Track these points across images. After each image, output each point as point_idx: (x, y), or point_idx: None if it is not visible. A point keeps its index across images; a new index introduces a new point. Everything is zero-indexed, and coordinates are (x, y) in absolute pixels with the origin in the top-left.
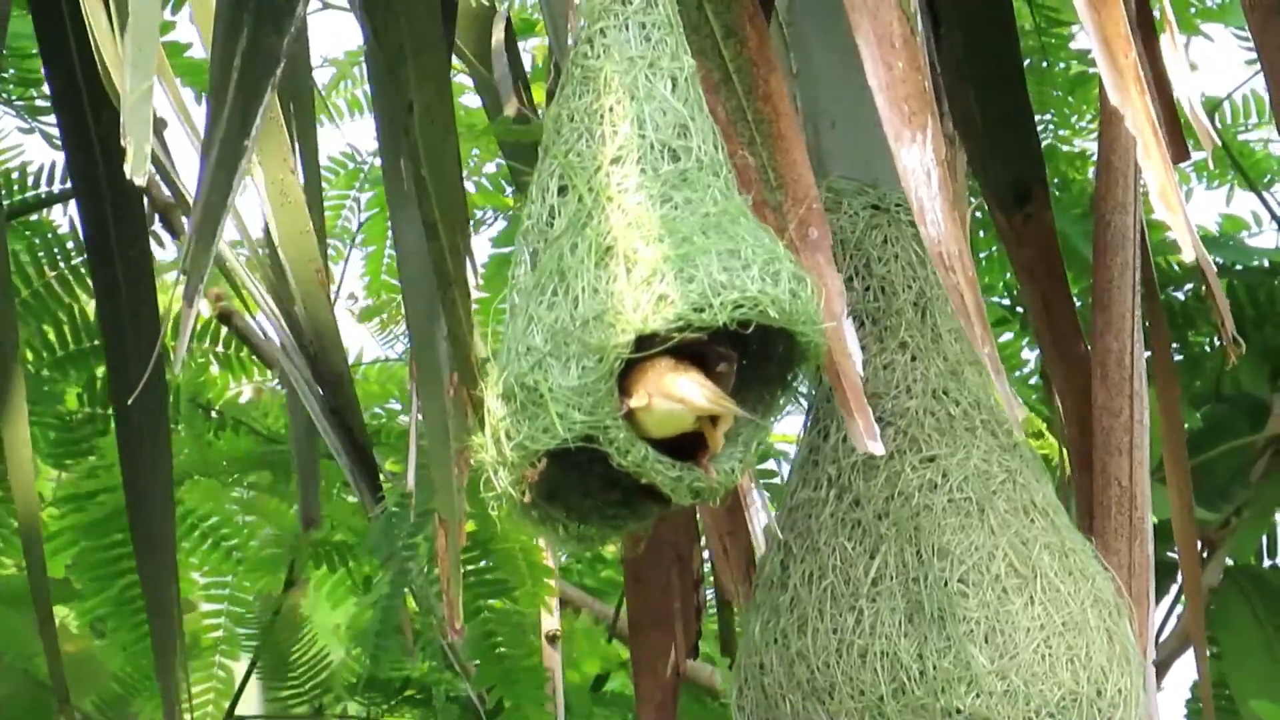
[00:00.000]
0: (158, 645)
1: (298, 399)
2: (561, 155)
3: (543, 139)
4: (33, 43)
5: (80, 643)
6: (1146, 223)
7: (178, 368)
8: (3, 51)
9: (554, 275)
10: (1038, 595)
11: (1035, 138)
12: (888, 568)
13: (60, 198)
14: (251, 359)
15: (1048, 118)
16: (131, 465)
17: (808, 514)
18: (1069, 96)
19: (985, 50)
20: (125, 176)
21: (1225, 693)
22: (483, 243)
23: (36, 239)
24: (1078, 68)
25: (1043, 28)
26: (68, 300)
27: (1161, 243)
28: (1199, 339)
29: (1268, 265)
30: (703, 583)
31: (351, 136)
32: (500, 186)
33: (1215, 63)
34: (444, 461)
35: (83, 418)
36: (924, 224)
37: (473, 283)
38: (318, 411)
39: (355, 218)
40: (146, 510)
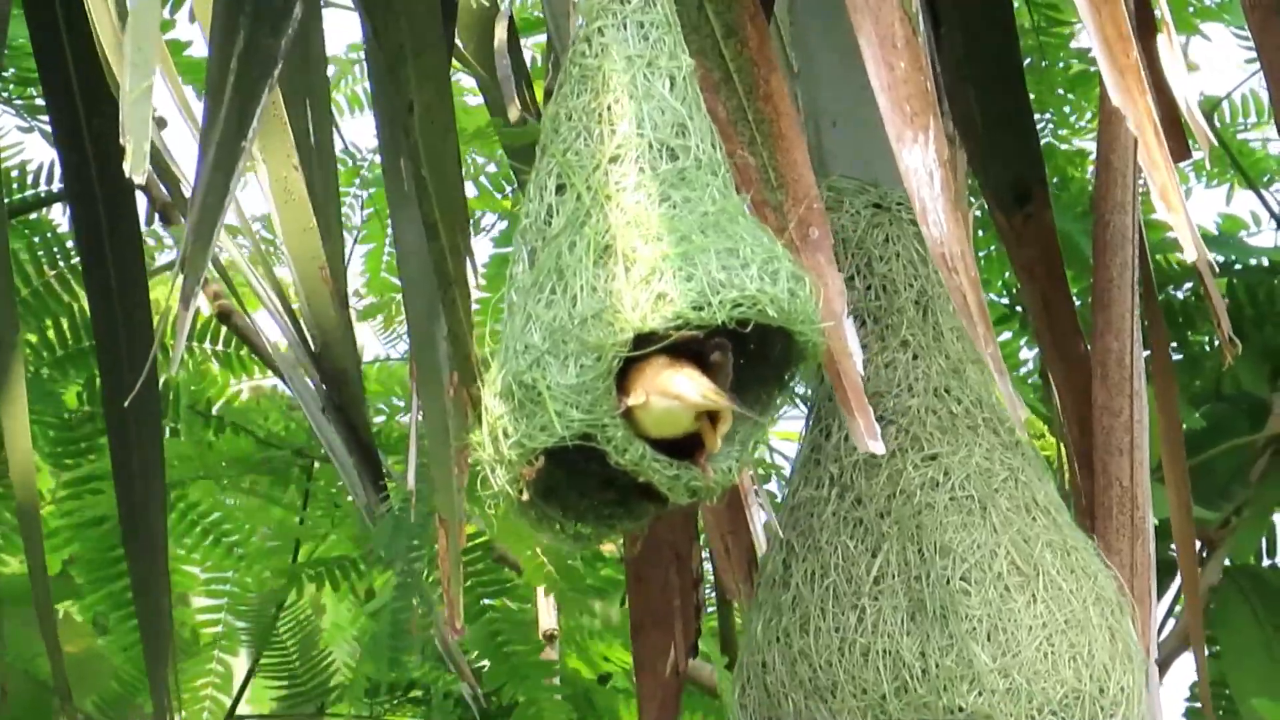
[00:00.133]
0: (148, 650)
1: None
2: (560, 154)
3: (541, 138)
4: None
5: (82, 641)
6: (1146, 222)
7: (174, 368)
8: (3, 51)
9: (552, 274)
10: (1040, 593)
11: (1035, 137)
12: (890, 566)
13: (59, 197)
14: (251, 357)
15: (1047, 117)
16: (124, 470)
17: (810, 512)
18: (1069, 94)
19: (985, 50)
20: (119, 176)
21: (1225, 692)
22: (483, 242)
23: (36, 238)
24: (1077, 67)
25: (1042, 27)
26: (67, 299)
27: (1161, 242)
28: (1198, 338)
29: (1267, 264)
30: (702, 581)
31: (352, 133)
32: (500, 186)
33: (1214, 62)
34: (444, 461)
35: (82, 416)
36: (926, 225)
37: (473, 283)
38: (313, 410)
39: (355, 215)
40: (139, 515)
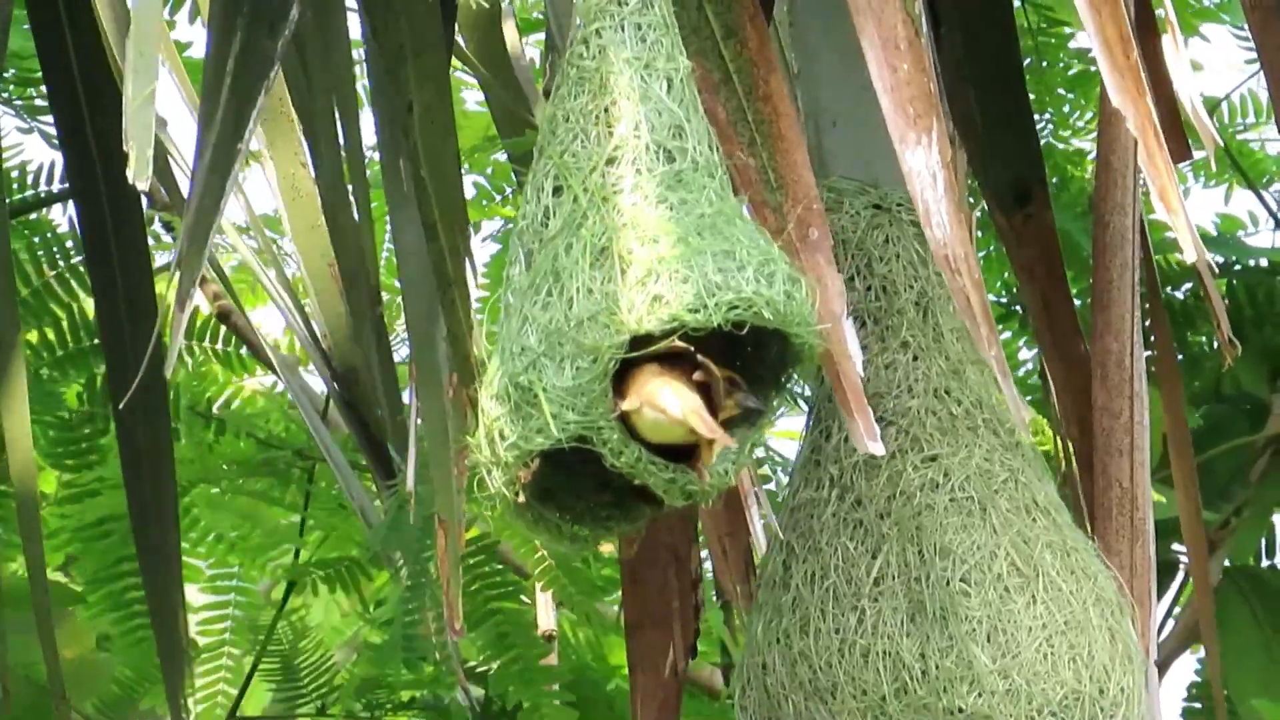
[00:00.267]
0: (164, 655)
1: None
2: (557, 156)
3: (538, 139)
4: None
5: (83, 644)
6: (1147, 222)
7: (169, 368)
8: (3, 53)
9: (549, 275)
10: (1040, 594)
11: (1035, 137)
12: (890, 567)
13: (60, 197)
14: (250, 357)
15: (1047, 117)
16: (134, 472)
17: (810, 514)
18: (1069, 94)
19: (985, 50)
20: (123, 175)
21: (1224, 693)
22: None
23: (36, 238)
24: (1077, 67)
25: (1042, 28)
26: (67, 299)
27: (1161, 242)
28: (1198, 339)
29: (1266, 264)
30: (701, 582)
31: None
32: (490, 196)
33: (1212, 63)
34: (443, 462)
35: (82, 416)
36: (929, 226)
37: (473, 283)
38: (309, 410)
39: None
40: (149, 519)
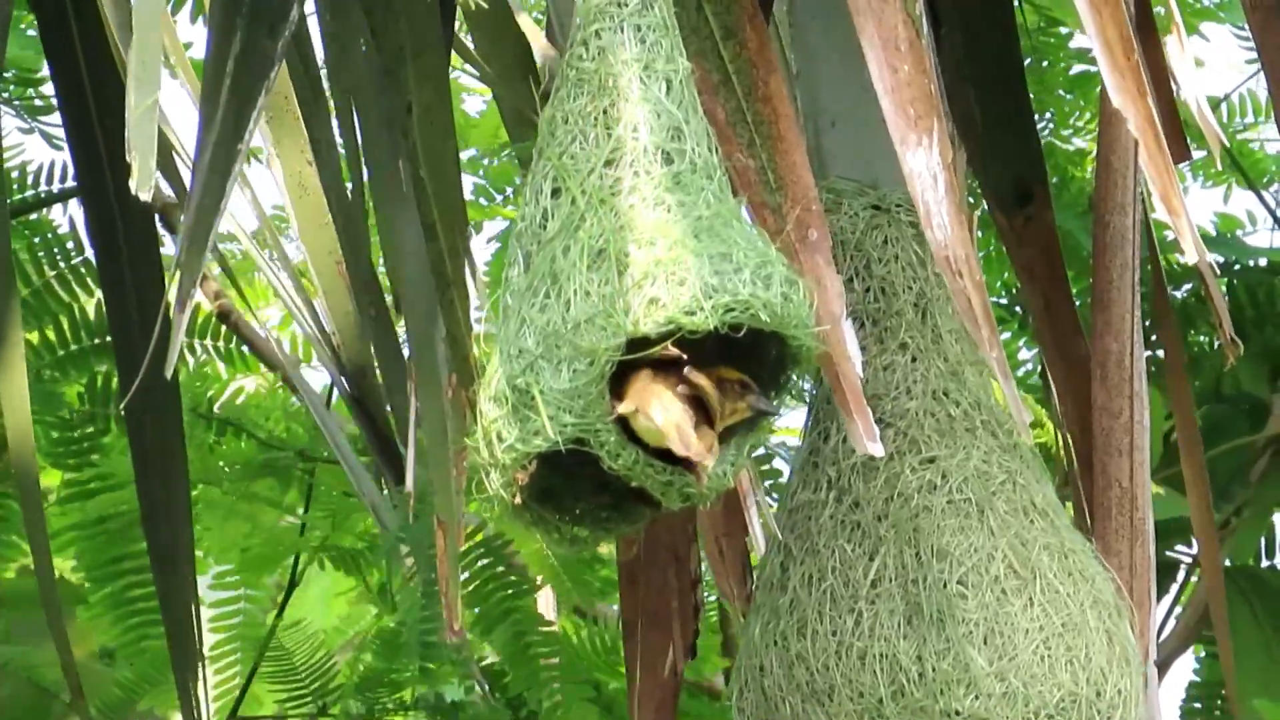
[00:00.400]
0: (175, 655)
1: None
2: (555, 157)
3: (537, 141)
4: (34, 42)
5: (86, 647)
6: (1150, 221)
7: (170, 369)
8: (3, 53)
9: (546, 277)
10: (1037, 597)
11: (1035, 137)
12: (887, 570)
13: (60, 197)
14: (251, 356)
15: (1047, 117)
16: (144, 472)
17: (807, 516)
18: (1069, 94)
19: (985, 50)
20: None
21: (1224, 692)
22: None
23: (36, 238)
24: (1078, 67)
25: (1042, 28)
26: (67, 299)
27: (1161, 241)
28: (1198, 339)
29: (1266, 264)
30: (700, 582)
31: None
32: (490, 195)
33: (1213, 63)
34: (443, 463)
35: (83, 416)
36: (930, 227)
37: (472, 284)
38: (318, 408)
39: None
40: (160, 519)
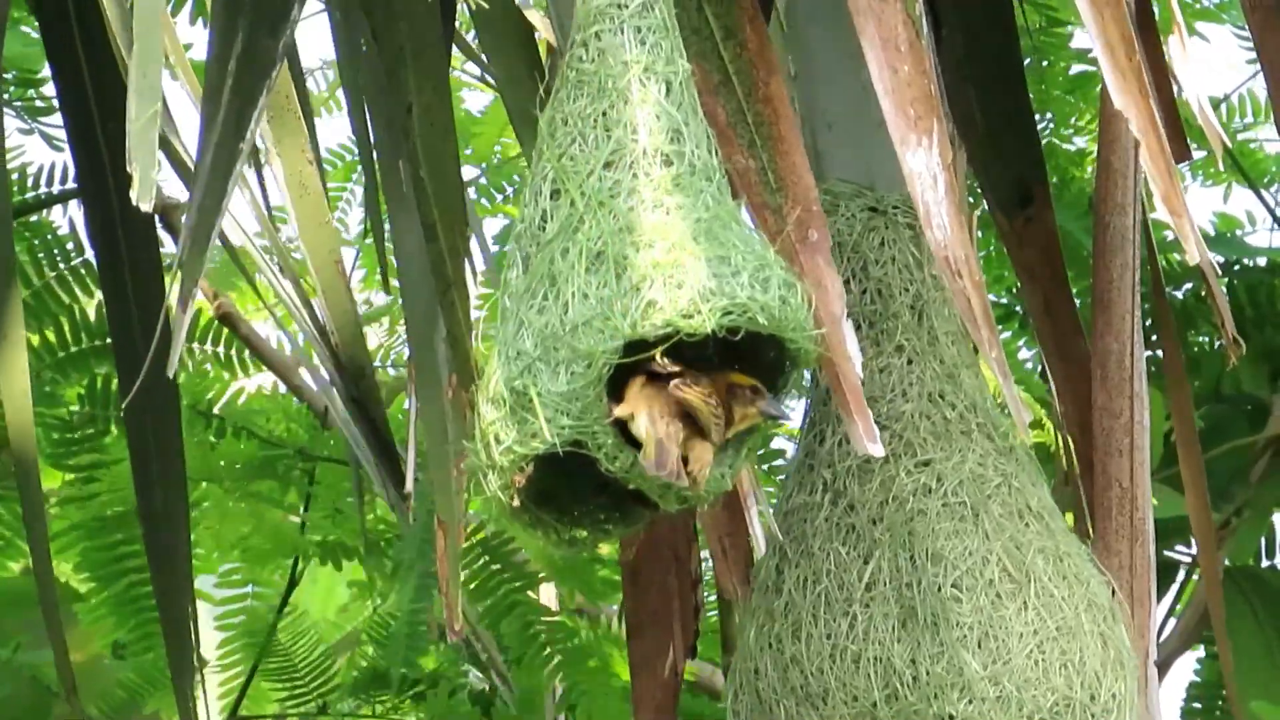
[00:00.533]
0: (173, 656)
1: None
2: (555, 159)
3: (537, 142)
4: (35, 43)
5: (89, 649)
6: (1150, 221)
7: (172, 370)
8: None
9: (545, 279)
10: (1031, 600)
11: (1036, 138)
12: (881, 573)
13: (61, 198)
14: (250, 358)
15: (1047, 117)
16: (144, 473)
17: (803, 519)
18: (1069, 94)
19: (985, 50)
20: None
21: (1224, 693)
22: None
23: (36, 240)
24: (1078, 67)
25: (1042, 27)
26: (68, 301)
27: (1161, 241)
28: (1199, 339)
29: (1266, 264)
30: (701, 582)
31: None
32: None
33: (1213, 63)
34: (442, 463)
35: (84, 417)
36: (930, 228)
37: (472, 284)
38: (337, 403)
39: (351, 210)
40: (159, 521)
